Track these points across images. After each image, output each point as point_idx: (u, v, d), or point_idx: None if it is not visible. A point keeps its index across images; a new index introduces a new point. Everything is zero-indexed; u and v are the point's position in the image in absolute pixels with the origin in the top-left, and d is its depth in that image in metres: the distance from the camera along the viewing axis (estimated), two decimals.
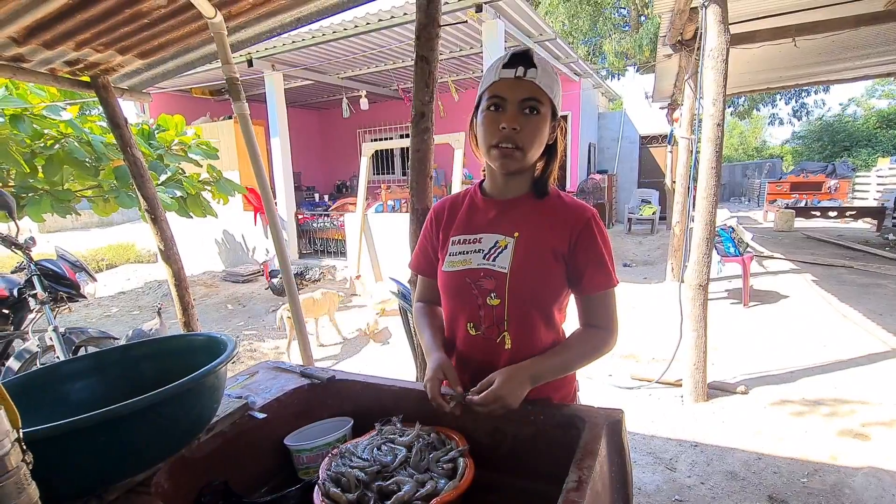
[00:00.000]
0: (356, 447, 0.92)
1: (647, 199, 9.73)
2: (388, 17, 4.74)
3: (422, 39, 1.47)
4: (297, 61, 6.40)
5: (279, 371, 1.25)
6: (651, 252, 7.42)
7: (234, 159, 6.92)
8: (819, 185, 10.91)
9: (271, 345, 4.11)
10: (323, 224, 7.06)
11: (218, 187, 4.45)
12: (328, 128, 10.98)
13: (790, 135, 23.53)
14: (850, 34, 4.33)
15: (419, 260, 1.13)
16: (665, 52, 5.11)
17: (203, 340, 1.00)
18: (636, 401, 2.80)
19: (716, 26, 2.34)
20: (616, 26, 14.92)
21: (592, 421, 0.85)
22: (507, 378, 0.86)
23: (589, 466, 0.71)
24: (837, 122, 20.14)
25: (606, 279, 0.94)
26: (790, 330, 3.77)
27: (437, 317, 1.10)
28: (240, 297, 5.85)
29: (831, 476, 2.02)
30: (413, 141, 1.57)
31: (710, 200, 2.55)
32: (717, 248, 4.53)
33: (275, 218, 1.81)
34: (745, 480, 2.04)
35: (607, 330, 0.97)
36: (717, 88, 2.40)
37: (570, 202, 0.99)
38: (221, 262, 7.69)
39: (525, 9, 4.98)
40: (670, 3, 3.76)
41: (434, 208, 1.11)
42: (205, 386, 0.82)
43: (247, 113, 1.61)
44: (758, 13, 3.96)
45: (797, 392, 2.76)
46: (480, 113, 0.94)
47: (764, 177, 14.75)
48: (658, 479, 2.08)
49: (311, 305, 3.88)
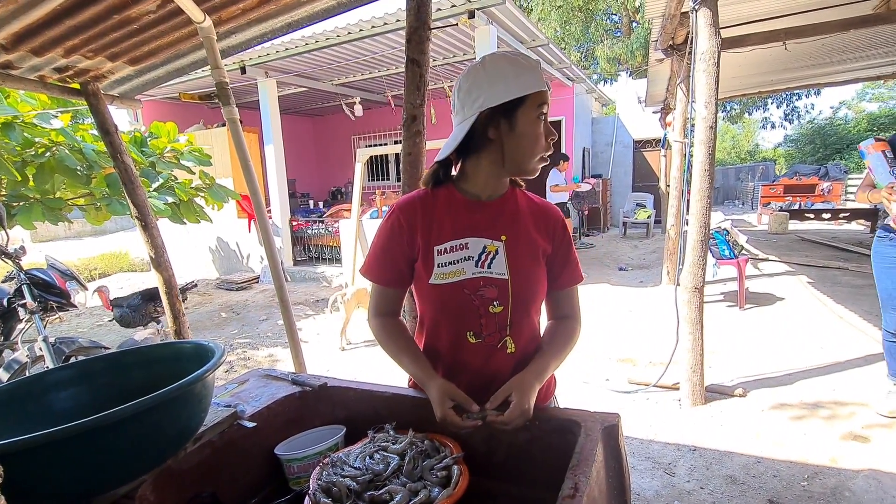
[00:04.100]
0: (348, 456, 0.89)
1: (641, 203, 9.77)
2: (381, 23, 4.76)
3: (412, 42, 1.47)
4: (291, 68, 6.41)
5: (270, 379, 1.22)
6: (646, 256, 7.43)
7: (228, 166, 6.89)
8: (812, 187, 10.98)
9: (265, 353, 4.07)
10: (317, 231, 7.04)
11: (211, 193, 4.42)
12: (322, 135, 10.99)
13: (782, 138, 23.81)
14: (840, 37, 4.38)
15: (383, 269, 0.99)
16: (657, 56, 5.15)
17: (191, 348, 0.98)
18: (634, 405, 2.78)
19: (707, 30, 2.35)
20: (608, 32, 15.06)
21: (588, 426, 0.83)
22: (523, 389, 0.86)
23: (585, 472, 0.69)
24: (829, 126, 20.37)
25: (578, 275, 1.03)
26: (787, 332, 3.77)
27: (409, 336, 1.02)
28: (233, 304, 5.81)
29: (831, 479, 2.00)
30: (405, 144, 1.56)
31: (705, 203, 2.55)
32: (712, 251, 4.54)
33: (266, 224, 1.79)
34: (745, 485, 2.02)
35: (578, 319, 1.05)
36: (708, 91, 2.41)
37: (541, 203, 1.02)
38: (216, 269, 7.65)
39: (517, 15, 5.01)
40: (661, 8, 3.79)
41: (400, 211, 0.97)
42: (191, 394, 0.80)
43: (236, 117, 1.60)
44: (748, 17, 4.00)
45: (795, 395, 2.75)
46: (526, 121, 0.87)
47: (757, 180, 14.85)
48: (657, 485, 2.06)
49: (363, 296, 4.00)
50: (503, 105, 0.86)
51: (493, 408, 0.87)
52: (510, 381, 0.90)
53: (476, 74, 0.89)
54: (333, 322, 4.68)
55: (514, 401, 0.84)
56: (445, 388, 0.88)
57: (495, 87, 0.86)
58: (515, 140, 0.88)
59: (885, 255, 2.23)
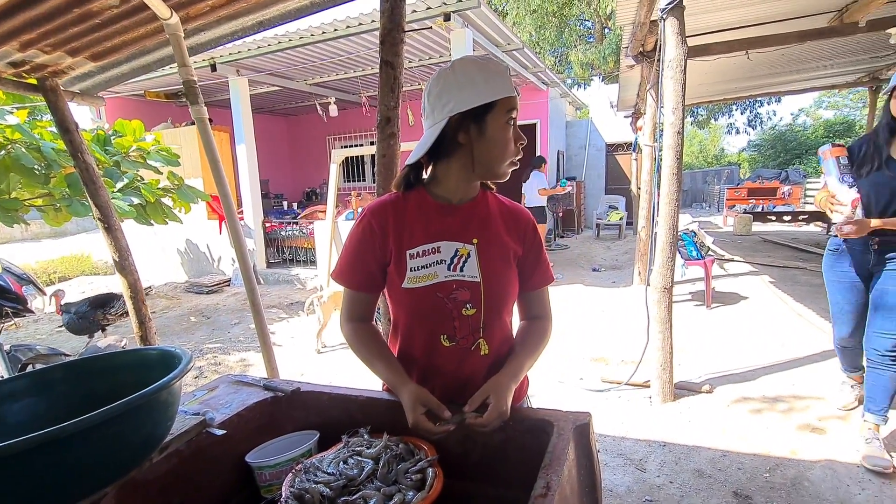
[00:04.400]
0: (321, 461, 0.88)
1: (614, 205, 9.99)
2: (356, 23, 4.73)
3: (386, 44, 1.46)
4: (263, 67, 6.29)
5: (241, 385, 1.19)
6: (619, 257, 7.60)
7: (198, 166, 6.71)
8: (774, 190, 11.46)
9: (236, 358, 3.98)
10: (292, 232, 6.92)
11: (179, 194, 4.29)
12: (297, 135, 10.82)
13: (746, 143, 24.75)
14: (798, 48, 4.59)
15: (355, 273, 0.99)
16: (627, 63, 5.28)
17: (157, 355, 0.95)
18: (607, 403, 2.84)
19: (674, 38, 2.43)
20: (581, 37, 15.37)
21: (561, 425, 0.84)
22: (500, 390, 0.87)
23: (557, 471, 0.70)
24: (789, 132, 21.34)
25: (548, 276, 1.05)
26: (750, 330, 3.92)
27: (381, 341, 1.02)
28: (203, 308, 5.65)
29: (791, 470, 2.10)
30: (379, 146, 1.55)
31: (673, 206, 2.63)
32: (681, 252, 4.68)
33: (236, 225, 1.75)
34: (711, 478, 2.09)
35: (549, 319, 1.07)
36: (676, 98, 2.49)
37: (511, 206, 1.04)
38: (185, 272, 7.42)
39: (493, 19, 5.06)
40: (631, 16, 3.89)
41: (372, 215, 0.97)
42: (156, 403, 0.77)
43: (205, 117, 1.56)
44: (713, 27, 4.15)
45: (758, 390, 2.87)
46: (496, 126, 0.88)
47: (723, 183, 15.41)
48: (629, 480, 2.10)
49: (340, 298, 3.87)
50: (473, 110, 0.87)
51: (472, 410, 0.88)
52: (487, 383, 0.91)
53: (446, 79, 0.89)
54: (308, 325, 4.61)
55: (491, 403, 0.86)
56: (418, 394, 0.88)
57: (465, 93, 0.86)
58: (485, 144, 0.89)
59: (833, 268, 2.24)
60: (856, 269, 2.11)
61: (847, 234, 1.96)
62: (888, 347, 1.96)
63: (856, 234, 1.94)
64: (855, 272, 2.12)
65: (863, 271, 2.10)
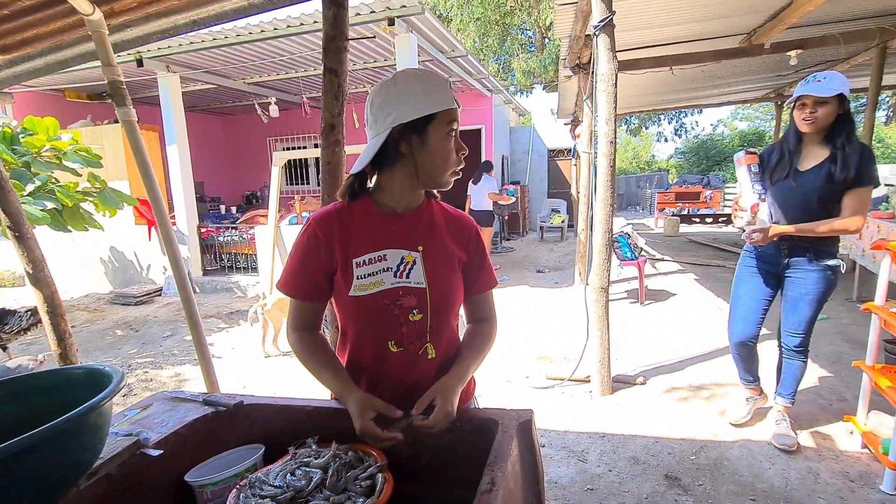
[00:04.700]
0: (267, 475, 0.87)
1: (556, 209, 10.41)
2: (297, 23, 4.61)
3: (329, 52, 1.45)
4: (197, 63, 5.96)
5: (178, 401, 1.14)
6: (561, 258, 7.93)
7: (123, 167, 6.23)
8: (697, 194, 12.41)
9: (170, 372, 3.73)
10: (230, 238, 6.59)
11: (101, 198, 3.96)
12: (235, 135, 10.33)
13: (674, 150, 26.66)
14: (715, 65, 5.04)
15: (300, 283, 0.99)
16: (566, 73, 5.55)
17: (83, 374, 0.88)
18: (551, 399, 2.96)
19: (605, 54, 2.59)
20: (523, 46, 15.87)
21: (505, 423, 0.89)
22: (446, 392, 0.90)
23: (501, 467, 0.74)
24: (710, 140, 23.27)
25: (492, 280, 1.10)
26: (679, 324, 4.24)
27: (329, 350, 1.03)
28: (131, 321, 5.25)
29: (714, 451, 2.29)
30: (324, 153, 1.53)
31: (608, 211, 2.80)
32: (616, 253, 4.97)
33: (169, 231, 1.66)
34: (645, 463, 2.24)
35: (494, 320, 1.12)
36: (608, 109, 2.65)
37: (455, 213, 1.07)
38: (109, 282, 6.85)
39: (437, 25, 5.12)
40: (568, 30, 4.10)
41: (317, 224, 0.97)
42: (85, 425, 0.73)
43: (133, 119, 1.46)
44: (641, 43, 4.46)
45: (685, 379, 3.11)
46: (437, 137, 0.91)
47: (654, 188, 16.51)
48: (571, 472, 2.21)
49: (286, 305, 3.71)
50: (414, 121, 0.89)
51: (419, 413, 0.90)
52: (434, 385, 0.93)
53: (388, 91, 0.91)
54: (251, 334, 4.42)
55: (438, 404, 0.88)
56: (365, 400, 0.90)
57: (406, 104, 0.89)
58: (427, 155, 0.92)
59: (746, 265, 2.29)
60: (768, 270, 2.19)
61: (755, 241, 2.03)
62: (796, 343, 2.17)
63: (762, 241, 2.00)
64: (767, 273, 2.19)
65: (774, 273, 2.17)
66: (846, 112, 1.92)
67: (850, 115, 1.95)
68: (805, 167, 2.00)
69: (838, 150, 1.90)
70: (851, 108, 2.01)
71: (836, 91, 1.84)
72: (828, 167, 1.92)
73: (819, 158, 1.97)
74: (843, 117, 1.92)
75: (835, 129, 1.93)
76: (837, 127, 1.92)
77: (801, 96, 1.92)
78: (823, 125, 1.91)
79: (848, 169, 1.86)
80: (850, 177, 1.87)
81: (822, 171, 1.93)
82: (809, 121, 1.91)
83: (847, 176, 1.87)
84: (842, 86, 1.85)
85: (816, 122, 1.90)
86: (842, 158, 1.88)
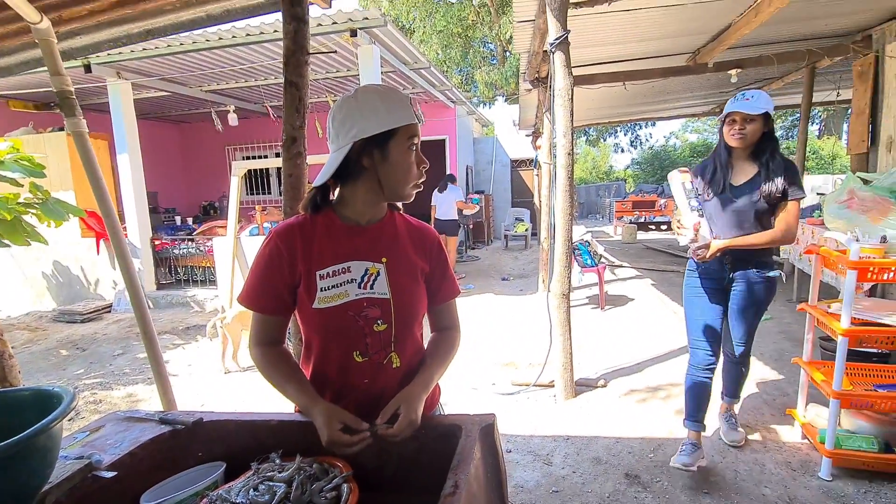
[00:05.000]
0: (229, 492, 0.85)
1: (520, 218, 10.62)
2: (257, 32, 4.55)
3: (290, 66, 1.45)
4: (150, 70, 5.76)
5: (133, 421, 1.10)
6: (525, 266, 8.08)
7: (69, 177, 5.90)
8: (653, 203, 12.99)
9: (122, 393, 3.54)
10: (187, 250, 6.34)
11: (45, 210, 3.73)
12: (191, 143, 9.99)
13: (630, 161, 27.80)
14: (664, 82, 5.33)
15: (263, 297, 0.98)
16: (526, 86, 5.72)
17: (29, 396, 0.84)
18: (517, 405, 3.01)
19: (561, 70, 2.71)
20: (485, 59, 16.22)
21: (468, 428, 0.91)
22: (411, 400, 0.92)
23: (465, 471, 0.76)
24: (663, 151, 24.44)
25: (455, 289, 1.12)
26: (637, 328, 4.41)
27: (293, 363, 1.02)
28: (77, 339, 4.94)
29: (670, 448, 2.40)
30: (285, 165, 1.53)
31: (567, 220, 2.90)
32: (577, 260, 5.13)
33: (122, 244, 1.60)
34: (607, 463, 2.32)
35: (458, 329, 1.14)
36: (565, 122, 2.76)
37: (417, 224, 1.09)
38: (52, 299, 6.43)
39: (399, 37, 5.17)
40: (527, 45, 4.24)
41: (279, 238, 0.97)
42: (33, 449, 0.70)
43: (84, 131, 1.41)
44: (596, 60, 4.67)
45: (644, 381, 3.24)
46: (398, 152, 0.93)
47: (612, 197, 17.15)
48: (537, 475, 2.25)
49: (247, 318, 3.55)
50: (376, 136, 0.92)
51: (384, 422, 0.91)
52: (398, 394, 0.95)
53: (349, 106, 0.94)
54: (209, 350, 4.26)
55: (402, 412, 0.90)
56: (331, 411, 0.90)
57: (368, 120, 0.91)
58: (389, 169, 0.94)
59: (692, 286, 2.24)
60: (714, 286, 2.17)
61: (700, 258, 2.06)
62: (743, 352, 2.21)
63: (708, 257, 2.03)
64: (713, 290, 2.17)
65: (720, 288, 2.17)
66: (771, 130, 2.02)
67: (774, 132, 2.05)
68: (738, 182, 2.08)
69: (764, 167, 2.00)
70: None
71: (763, 109, 1.94)
72: (759, 182, 2.01)
73: (750, 174, 2.06)
74: (768, 135, 2.02)
75: (761, 146, 2.03)
76: (763, 144, 2.02)
77: (730, 113, 2.02)
78: (752, 141, 2.01)
79: (777, 184, 1.96)
80: (779, 191, 1.97)
81: (755, 186, 2.02)
82: (739, 137, 1.99)
83: (777, 190, 1.97)
84: (767, 104, 1.95)
85: (746, 137, 1.99)
86: (770, 174, 1.98)
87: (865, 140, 4.18)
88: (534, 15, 3.49)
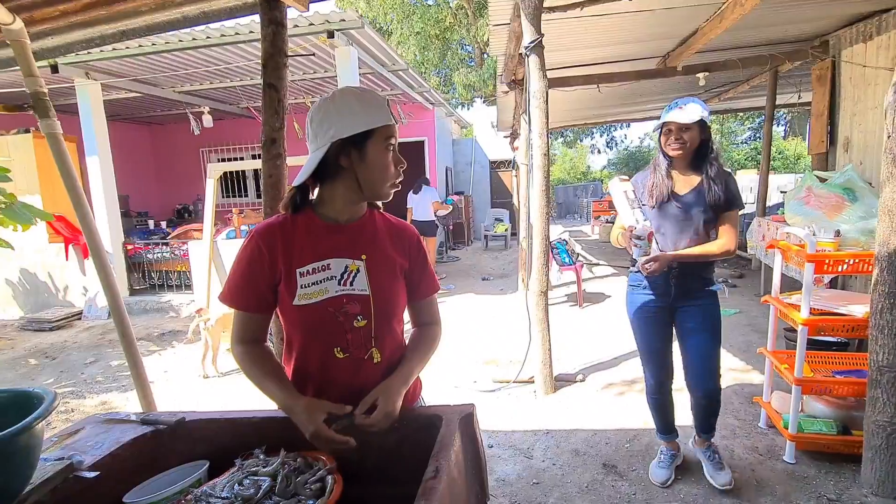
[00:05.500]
0: (214, 488, 0.86)
1: (499, 218, 10.72)
2: (233, 33, 4.50)
3: (269, 68, 1.46)
4: (121, 71, 5.62)
5: (112, 423, 1.10)
6: (506, 266, 8.17)
7: (35, 181, 5.71)
8: None
9: (95, 401, 3.46)
10: (161, 254, 6.20)
11: (9, 214, 3.61)
12: (163, 145, 9.76)
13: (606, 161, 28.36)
14: (636, 84, 5.48)
15: (244, 295, 1.00)
16: (503, 89, 5.80)
17: (8, 397, 0.84)
18: (498, 401, 3.07)
19: (536, 72, 2.77)
20: (463, 61, 16.30)
21: (448, 417, 0.95)
22: (389, 392, 0.95)
23: (445, 457, 0.80)
24: (638, 152, 25.02)
25: (434, 285, 1.15)
26: (614, 324, 4.51)
27: (274, 361, 1.03)
28: (47, 348, 4.79)
29: (645, 438, 2.49)
30: (265, 167, 1.54)
31: (544, 219, 2.97)
32: (556, 259, 5.23)
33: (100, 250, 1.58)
34: (585, 455, 2.39)
35: (439, 324, 1.17)
36: (541, 124, 2.83)
37: (396, 223, 1.12)
38: (19, 307, 6.20)
39: (377, 39, 5.18)
40: (503, 48, 4.31)
41: (260, 237, 0.99)
42: (15, 449, 0.70)
43: (58, 132, 1.39)
44: (570, 63, 4.77)
45: (620, 375, 3.33)
46: (376, 152, 0.96)
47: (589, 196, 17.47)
48: (519, 468, 2.31)
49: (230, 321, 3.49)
50: (353, 137, 0.94)
51: (363, 412, 0.93)
52: (377, 386, 0.98)
53: (327, 108, 0.96)
54: (187, 356, 4.19)
55: (379, 404, 0.93)
56: (313, 404, 0.92)
57: (345, 121, 0.94)
58: (366, 168, 0.97)
59: (636, 304, 2.10)
60: (660, 304, 2.04)
61: (651, 272, 1.90)
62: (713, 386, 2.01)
63: (658, 271, 1.90)
64: (660, 309, 2.05)
65: (665, 306, 2.04)
66: (708, 139, 1.96)
67: (711, 140, 1.98)
68: (682, 191, 1.98)
69: (706, 175, 1.94)
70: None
71: (697, 117, 1.84)
72: (703, 192, 1.94)
73: (692, 184, 1.97)
74: (706, 143, 1.95)
75: (699, 155, 1.96)
76: (701, 152, 1.96)
77: (665, 122, 1.92)
78: (691, 149, 1.94)
79: (719, 194, 1.91)
80: (722, 201, 1.92)
81: (700, 196, 1.95)
82: (676, 146, 1.92)
83: (720, 200, 1.92)
84: (701, 112, 1.87)
85: (685, 146, 1.92)
86: (712, 184, 1.92)
87: (825, 140, 4.40)
88: (509, 19, 3.56)
